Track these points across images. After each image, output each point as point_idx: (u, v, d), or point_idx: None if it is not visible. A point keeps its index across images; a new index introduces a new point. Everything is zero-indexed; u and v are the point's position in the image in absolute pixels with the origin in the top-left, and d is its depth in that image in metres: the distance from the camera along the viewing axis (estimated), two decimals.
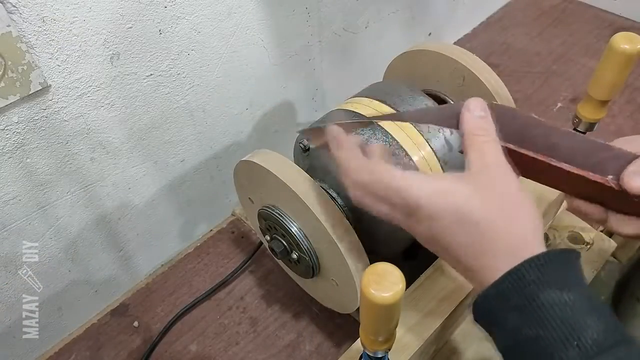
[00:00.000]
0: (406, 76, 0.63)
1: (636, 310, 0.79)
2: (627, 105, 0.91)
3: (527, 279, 0.30)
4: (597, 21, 1.11)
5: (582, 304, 0.29)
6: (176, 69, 0.58)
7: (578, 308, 0.29)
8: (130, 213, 0.65)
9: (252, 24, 0.63)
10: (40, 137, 0.50)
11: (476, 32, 1.12)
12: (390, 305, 0.30)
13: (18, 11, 0.42)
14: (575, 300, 0.29)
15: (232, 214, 0.80)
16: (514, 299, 0.30)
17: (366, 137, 0.52)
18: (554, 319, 0.28)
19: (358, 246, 0.47)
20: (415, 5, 0.91)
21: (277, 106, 0.75)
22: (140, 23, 0.51)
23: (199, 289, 0.70)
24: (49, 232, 0.57)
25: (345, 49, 0.82)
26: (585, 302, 0.29)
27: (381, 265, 0.31)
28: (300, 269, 0.55)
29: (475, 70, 0.56)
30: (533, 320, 0.29)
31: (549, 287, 0.29)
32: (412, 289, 0.50)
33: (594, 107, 0.55)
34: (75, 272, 0.62)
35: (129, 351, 0.64)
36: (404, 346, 0.46)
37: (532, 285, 0.29)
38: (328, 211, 0.46)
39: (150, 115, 0.59)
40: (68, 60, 0.48)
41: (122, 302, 0.69)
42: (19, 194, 0.51)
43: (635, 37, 0.49)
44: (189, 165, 0.68)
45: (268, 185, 0.50)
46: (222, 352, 0.63)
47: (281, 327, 0.65)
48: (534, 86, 0.97)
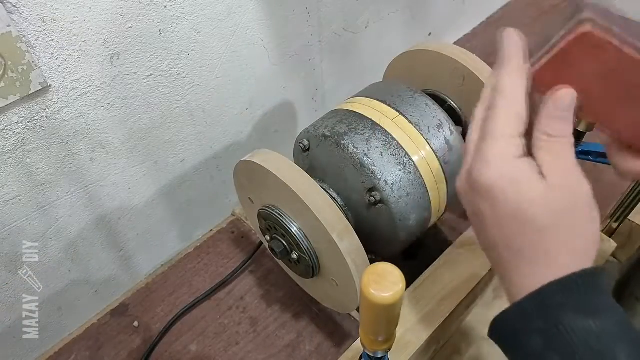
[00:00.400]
0: (406, 76, 0.63)
1: (636, 309, 0.79)
2: None
3: (550, 302, 0.28)
4: None
5: (610, 331, 0.27)
6: (176, 69, 0.58)
7: (606, 335, 0.27)
8: (130, 213, 0.65)
9: (252, 24, 0.63)
10: (40, 137, 0.50)
11: (476, 32, 1.12)
12: (390, 305, 0.30)
13: (18, 11, 0.42)
14: (603, 328, 0.27)
15: (232, 214, 0.80)
16: (536, 322, 0.28)
17: (366, 136, 0.52)
18: (581, 346, 0.27)
19: (358, 246, 0.47)
20: (415, 5, 0.91)
21: (277, 106, 0.76)
22: (140, 23, 0.51)
23: (199, 289, 0.70)
24: (49, 232, 0.57)
25: (345, 49, 0.82)
26: (614, 329, 0.27)
27: (381, 265, 0.31)
28: (300, 269, 0.55)
29: (475, 70, 0.56)
30: (558, 347, 0.27)
31: (573, 313, 0.27)
32: (412, 289, 0.50)
33: None
34: (75, 272, 0.62)
35: (129, 351, 0.64)
36: (404, 346, 0.46)
37: (555, 310, 0.28)
38: (328, 211, 0.46)
39: (150, 115, 0.59)
40: (68, 60, 0.48)
41: (122, 302, 0.69)
42: (19, 194, 0.51)
43: None
44: (189, 165, 0.68)
45: (268, 185, 0.50)
46: (222, 352, 0.63)
47: (281, 327, 0.65)
48: None
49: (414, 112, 0.54)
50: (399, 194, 0.51)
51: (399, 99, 0.56)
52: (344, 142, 0.51)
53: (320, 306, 0.67)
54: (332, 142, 0.52)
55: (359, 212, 0.54)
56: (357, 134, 0.52)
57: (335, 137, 0.52)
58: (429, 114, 0.55)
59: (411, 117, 0.54)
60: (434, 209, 0.55)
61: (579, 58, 0.28)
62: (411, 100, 0.56)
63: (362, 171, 0.51)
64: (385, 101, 0.55)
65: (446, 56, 0.57)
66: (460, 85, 0.58)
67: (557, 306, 0.28)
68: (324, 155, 0.55)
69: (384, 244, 0.55)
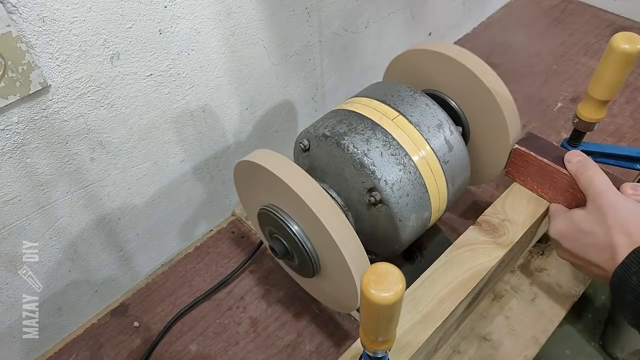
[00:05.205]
0: (406, 76, 0.63)
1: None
2: (627, 105, 0.91)
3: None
4: (596, 21, 1.11)
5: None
6: (176, 69, 0.58)
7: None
8: (130, 213, 0.65)
9: (252, 24, 0.63)
10: (40, 137, 0.50)
11: (476, 32, 1.12)
12: (390, 305, 0.30)
13: (18, 11, 0.42)
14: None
15: (232, 214, 0.80)
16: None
17: (366, 136, 0.52)
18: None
19: (358, 246, 0.47)
20: (415, 5, 0.91)
21: (277, 106, 0.76)
22: (140, 23, 0.51)
23: (199, 289, 0.70)
24: (49, 232, 0.57)
25: (345, 49, 0.82)
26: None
27: (381, 265, 0.31)
28: (300, 269, 0.55)
29: (475, 69, 0.56)
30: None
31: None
32: (412, 289, 0.50)
33: (593, 107, 0.55)
34: (75, 272, 0.62)
35: (129, 351, 0.64)
36: (404, 346, 0.46)
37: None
38: (328, 211, 0.46)
39: (150, 115, 0.59)
40: (68, 60, 0.48)
41: (122, 302, 0.69)
42: (19, 194, 0.51)
43: (635, 37, 0.49)
44: (189, 165, 0.68)
45: (268, 185, 0.50)
46: (222, 352, 0.63)
47: (281, 327, 0.65)
48: (534, 86, 0.97)
49: (414, 112, 0.54)
50: (399, 194, 0.51)
51: (399, 99, 0.55)
52: (344, 142, 0.51)
53: (320, 306, 0.67)
54: (332, 142, 0.52)
55: (359, 212, 0.54)
56: (357, 134, 0.52)
57: (335, 137, 0.52)
58: (429, 114, 0.55)
59: (411, 117, 0.54)
60: (434, 209, 0.55)
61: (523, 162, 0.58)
62: (411, 100, 0.56)
63: (362, 171, 0.51)
64: (385, 101, 0.55)
65: (446, 56, 0.57)
66: (460, 85, 0.58)
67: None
68: (324, 155, 0.55)
69: (384, 244, 0.55)
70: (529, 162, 0.57)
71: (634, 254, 0.43)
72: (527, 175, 0.58)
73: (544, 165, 0.55)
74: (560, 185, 0.55)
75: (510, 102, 0.57)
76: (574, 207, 0.53)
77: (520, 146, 0.57)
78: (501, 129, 0.57)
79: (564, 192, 0.55)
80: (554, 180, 0.55)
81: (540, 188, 0.57)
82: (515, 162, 0.58)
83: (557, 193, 0.56)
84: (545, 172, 0.56)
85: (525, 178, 0.58)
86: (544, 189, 0.57)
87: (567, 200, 0.55)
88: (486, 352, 0.62)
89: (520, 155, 0.57)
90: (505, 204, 0.57)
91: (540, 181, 0.57)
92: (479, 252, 0.53)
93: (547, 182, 0.56)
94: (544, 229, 0.64)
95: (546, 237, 0.71)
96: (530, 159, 0.57)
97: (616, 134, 0.86)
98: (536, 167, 0.56)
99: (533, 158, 0.56)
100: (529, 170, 0.57)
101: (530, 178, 0.58)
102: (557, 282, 0.70)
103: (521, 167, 0.58)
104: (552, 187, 0.56)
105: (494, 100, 0.56)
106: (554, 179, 0.55)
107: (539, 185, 0.57)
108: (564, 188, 0.54)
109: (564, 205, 0.55)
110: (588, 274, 0.51)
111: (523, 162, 0.58)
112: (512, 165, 0.59)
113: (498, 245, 0.53)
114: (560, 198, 0.56)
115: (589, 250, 0.48)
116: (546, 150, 0.56)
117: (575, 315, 0.74)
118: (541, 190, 0.57)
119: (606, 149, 0.60)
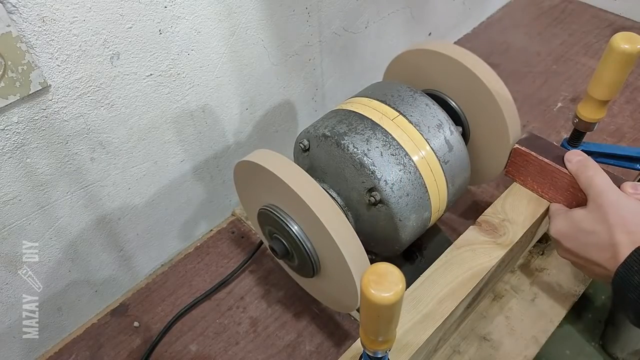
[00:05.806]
0: (406, 76, 0.63)
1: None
2: (627, 105, 0.91)
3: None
4: (596, 21, 1.11)
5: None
6: (176, 69, 0.58)
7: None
8: (130, 213, 0.65)
9: (252, 24, 0.63)
10: (40, 137, 0.50)
11: (476, 32, 1.12)
12: (390, 305, 0.30)
13: (18, 11, 0.42)
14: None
15: (232, 214, 0.80)
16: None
17: (366, 136, 0.52)
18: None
19: (358, 246, 0.47)
20: (415, 5, 0.91)
21: (277, 106, 0.76)
22: (140, 23, 0.51)
23: (199, 289, 0.70)
24: (49, 232, 0.57)
25: (345, 49, 0.82)
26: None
27: (381, 265, 0.31)
28: (300, 269, 0.55)
29: (476, 69, 0.56)
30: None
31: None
32: (412, 289, 0.50)
33: (593, 107, 0.55)
34: (75, 272, 0.62)
35: (129, 351, 0.64)
36: (404, 346, 0.46)
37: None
38: (328, 211, 0.46)
39: (150, 115, 0.59)
40: (68, 60, 0.48)
41: (122, 302, 0.69)
42: (19, 194, 0.51)
43: (635, 37, 0.49)
44: (189, 165, 0.68)
45: (268, 185, 0.50)
46: (222, 352, 0.63)
47: (281, 327, 0.65)
48: (534, 86, 0.97)
49: (414, 112, 0.54)
50: (399, 194, 0.51)
51: (399, 99, 0.55)
52: (344, 142, 0.51)
53: (320, 306, 0.67)
54: (332, 142, 0.52)
55: (359, 212, 0.54)
56: (357, 134, 0.52)
57: (335, 137, 0.52)
58: (429, 114, 0.55)
59: (411, 117, 0.54)
60: (434, 209, 0.55)
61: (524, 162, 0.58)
62: (411, 100, 0.56)
63: (362, 171, 0.51)
64: (385, 101, 0.55)
65: (446, 56, 0.57)
66: (460, 85, 0.58)
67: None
68: (324, 155, 0.55)
69: (384, 244, 0.55)
70: (529, 161, 0.57)
71: (636, 253, 0.43)
72: (527, 175, 0.58)
73: (544, 165, 0.55)
74: (561, 184, 0.55)
75: (510, 102, 0.57)
76: (574, 206, 0.53)
77: (521, 146, 0.57)
78: (501, 129, 0.57)
79: (564, 192, 0.55)
80: (554, 180, 0.55)
81: (541, 188, 0.57)
82: (515, 162, 0.58)
83: (557, 193, 0.56)
84: (545, 172, 0.56)
85: (525, 178, 0.58)
86: (544, 188, 0.57)
87: (567, 200, 0.55)
88: (486, 352, 0.62)
89: (521, 155, 0.57)
90: (505, 204, 0.57)
91: (541, 181, 0.57)
92: (479, 252, 0.53)
93: (547, 182, 0.56)
94: (544, 228, 0.64)
95: (546, 237, 0.71)
96: (530, 158, 0.57)
97: (616, 134, 0.86)
98: (536, 167, 0.56)
99: (533, 158, 0.56)
100: (529, 170, 0.57)
101: (531, 178, 0.58)
102: (557, 282, 0.70)
103: (521, 166, 0.58)
104: (552, 187, 0.56)
105: (494, 100, 0.56)
106: (554, 178, 0.55)
107: (539, 185, 0.57)
108: (564, 188, 0.54)
109: (564, 205, 0.55)
110: (589, 273, 0.51)
111: (523, 162, 0.58)
112: (512, 165, 0.59)
113: (498, 245, 0.53)
114: (560, 198, 0.56)
115: (590, 249, 0.48)
116: (546, 150, 0.56)
117: (575, 315, 0.74)
118: (541, 190, 0.57)
119: (606, 149, 0.60)
